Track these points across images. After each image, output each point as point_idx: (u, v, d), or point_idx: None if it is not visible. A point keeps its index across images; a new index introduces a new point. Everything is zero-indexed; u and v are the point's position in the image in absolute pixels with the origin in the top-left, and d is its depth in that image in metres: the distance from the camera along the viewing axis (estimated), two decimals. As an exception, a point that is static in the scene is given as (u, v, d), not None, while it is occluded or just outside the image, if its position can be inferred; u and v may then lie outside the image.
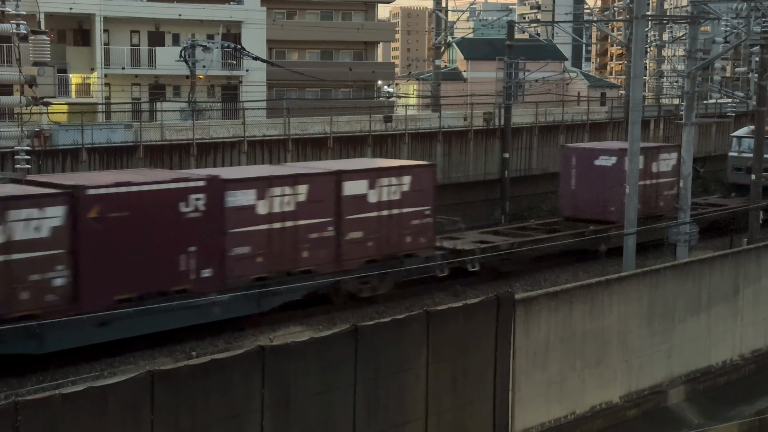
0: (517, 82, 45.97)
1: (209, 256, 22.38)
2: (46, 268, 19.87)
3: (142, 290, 21.23)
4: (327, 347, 15.82)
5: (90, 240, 20.44)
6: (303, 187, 24.28)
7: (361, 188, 25.70)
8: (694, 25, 29.17)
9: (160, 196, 21.67)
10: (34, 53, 27.87)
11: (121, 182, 21.35)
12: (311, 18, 66.99)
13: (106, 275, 20.66)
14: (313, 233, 24.44)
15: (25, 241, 19.58)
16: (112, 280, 20.77)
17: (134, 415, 13.56)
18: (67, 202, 20.24)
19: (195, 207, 22.17)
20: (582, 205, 33.41)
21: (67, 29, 50.47)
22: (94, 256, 20.49)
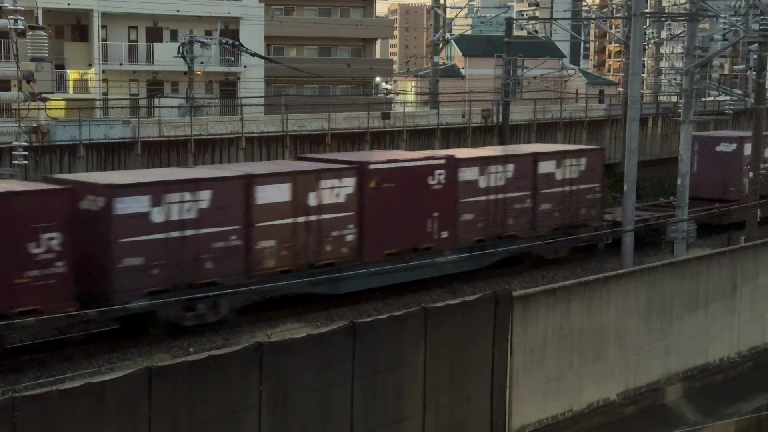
0: (516, 79, 45.99)
1: (446, 221, 27.26)
2: (342, 226, 24.69)
3: (401, 246, 26.15)
4: (324, 344, 15.82)
5: (370, 204, 25.32)
6: (511, 166, 28.97)
7: (551, 167, 30.08)
8: (692, 22, 29.15)
9: (416, 171, 26.62)
10: (31, 49, 27.81)
11: (390, 159, 26.85)
12: (309, 14, 66.96)
13: (379, 233, 25.51)
14: (516, 204, 29.10)
15: (330, 204, 24.54)
16: (383, 238, 25.63)
17: (131, 412, 13.55)
18: (356, 174, 25.09)
19: (438, 180, 27.05)
20: (703, 186, 36.94)
21: (65, 25, 50.41)
22: (372, 217, 25.33)
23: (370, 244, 25.31)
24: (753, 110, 33.62)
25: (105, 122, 35.58)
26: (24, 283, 19.01)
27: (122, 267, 20.66)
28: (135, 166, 33.30)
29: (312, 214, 24.20)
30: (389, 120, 42.70)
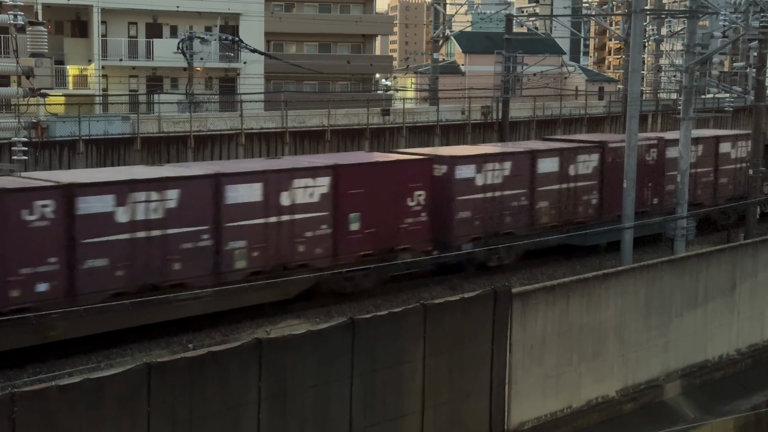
0: (515, 75, 45.96)
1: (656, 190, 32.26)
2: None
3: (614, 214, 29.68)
4: (324, 340, 15.82)
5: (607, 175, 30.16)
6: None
7: None
8: (692, 19, 29.13)
9: None
10: (31, 44, 27.77)
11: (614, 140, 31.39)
12: (309, 11, 66.92)
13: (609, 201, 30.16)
14: None
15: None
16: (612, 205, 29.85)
17: (131, 407, 13.56)
18: (598, 151, 30.62)
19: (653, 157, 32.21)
20: None
21: (65, 20, 50.37)
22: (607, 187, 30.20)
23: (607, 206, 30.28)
24: (753, 107, 33.62)
25: (104, 118, 35.55)
26: (404, 228, 25.22)
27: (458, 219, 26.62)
28: (134, 162, 33.28)
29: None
30: (389, 116, 42.68)
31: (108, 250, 20.10)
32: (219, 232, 21.78)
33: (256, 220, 22.42)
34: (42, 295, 18.90)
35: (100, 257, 19.96)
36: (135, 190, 20.58)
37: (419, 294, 25.56)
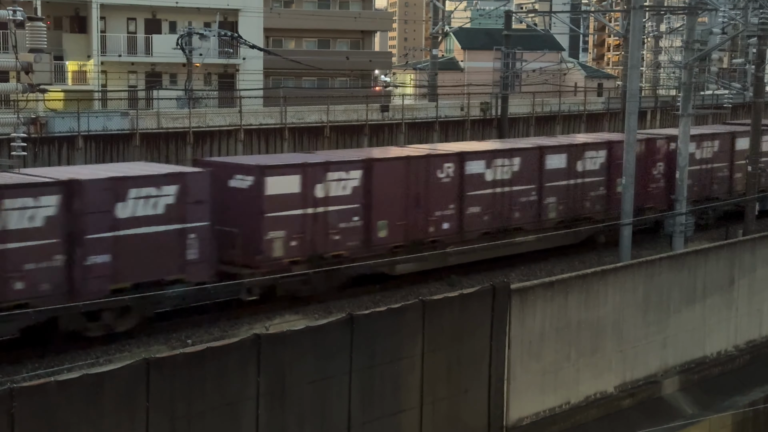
0: (515, 72, 45.95)
1: None
2: None
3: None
4: (322, 336, 15.84)
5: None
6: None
7: None
8: (691, 15, 29.13)
9: None
10: (30, 40, 27.75)
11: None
12: (308, 6, 66.87)
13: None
14: None
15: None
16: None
17: (129, 403, 13.58)
18: None
19: None
20: None
21: (64, 16, 50.36)
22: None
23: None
24: (751, 104, 33.62)
25: (103, 114, 35.57)
26: (650, 191, 32.17)
27: None
28: (133, 158, 33.28)
29: None
30: (388, 113, 42.69)
31: (480, 200, 27.39)
32: (541, 190, 29.06)
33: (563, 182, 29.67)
34: (446, 231, 26.65)
35: (476, 206, 27.25)
36: (496, 157, 27.89)
37: (418, 290, 25.59)
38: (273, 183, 22.87)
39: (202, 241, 21.40)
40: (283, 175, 23.19)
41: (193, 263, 21.31)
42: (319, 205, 23.73)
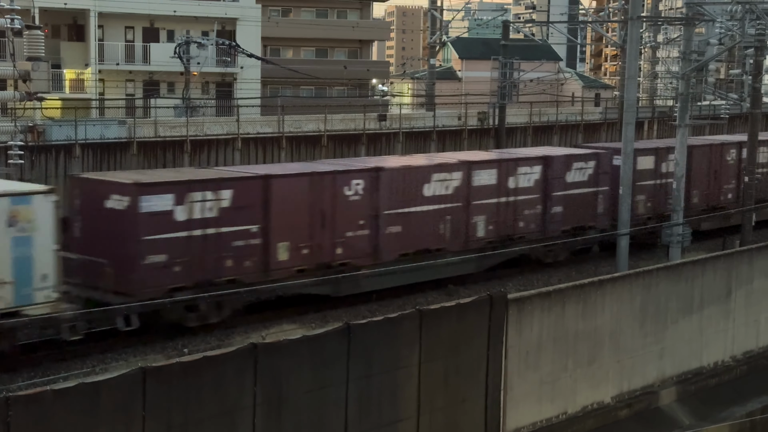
0: (512, 82, 46.00)
1: None
2: None
3: None
4: (320, 345, 15.81)
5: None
6: None
7: None
8: (688, 26, 29.20)
9: None
10: (28, 48, 27.79)
11: None
12: (306, 16, 66.94)
13: None
14: None
15: None
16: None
17: (126, 412, 13.54)
18: None
19: None
20: None
21: (62, 24, 50.38)
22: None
23: None
24: (749, 114, 33.67)
25: (101, 122, 35.57)
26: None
27: None
28: (131, 166, 33.29)
29: None
30: (385, 122, 42.72)
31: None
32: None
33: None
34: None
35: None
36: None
37: (415, 299, 25.58)
38: None
39: (605, 200, 31.06)
40: None
41: (600, 215, 31.13)
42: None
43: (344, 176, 24.67)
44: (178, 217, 21.51)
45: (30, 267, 19.27)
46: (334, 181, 24.41)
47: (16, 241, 19.09)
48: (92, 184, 22.10)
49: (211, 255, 22.03)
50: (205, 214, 21.92)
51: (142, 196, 20.98)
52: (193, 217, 21.74)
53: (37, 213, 19.39)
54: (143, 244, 20.99)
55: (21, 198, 19.33)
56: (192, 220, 21.73)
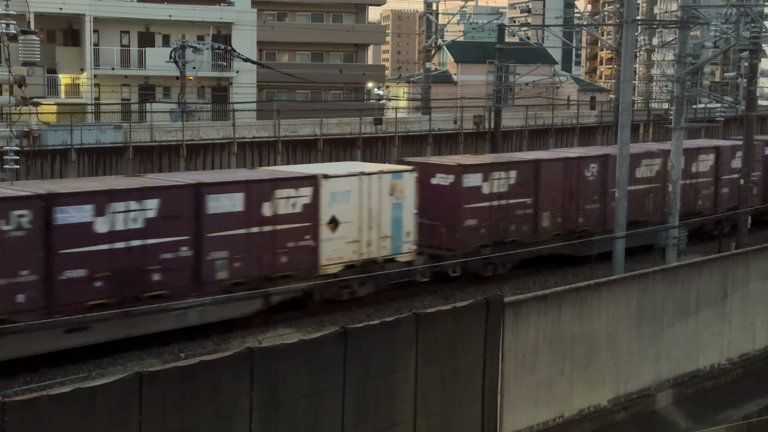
0: (507, 85, 46.04)
1: None
2: None
3: None
4: (316, 349, 15.81)
5: None
6: None
7: None
8: (683, 29, 29.25)
9: None
10: (23, 53, 27.78)
11: None
12: (302, 20, 66.98)
13: None
14: None
15: None
16: None
17: (122, 417, 13.52)
18: None
19: None
20: None
21: (57, 29, 50.36)
22: None
23: None
24: (744, 117, 33.72)
25: (96, 127, 35.52)
26: None
27: None
28: (126, 170, 33.24)
29: None
30: (381, 126, 42.73)
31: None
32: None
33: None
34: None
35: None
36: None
37: (411, 303, 25.57)
38: None
39: None
40: None
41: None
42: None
43: (585, 161, 31.11)
44: (484, 191, 28.12)
45: (400, 226, 25.92)
46: (579, 165, 30.85)
47: (393, 206, 25.72)
48: (424, 166, 27.85)
49: (503, 221, 28.61)
50: (500, 189, 28.57)
51: (464, 175, 27.53)
52: (493, 191, 28.35)
53: (405, 186, 26.04)
54: (464, 211, 27.37)
55: (397, 174, 26.01)
56: (492, 194, 28.33)
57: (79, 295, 20.01)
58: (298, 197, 23.57)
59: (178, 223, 21.56)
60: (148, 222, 21.08)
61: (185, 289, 21.52)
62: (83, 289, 20.08)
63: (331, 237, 24.25)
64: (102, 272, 20.42)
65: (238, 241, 22.47)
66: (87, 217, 20.18)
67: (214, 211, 22.01)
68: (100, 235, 20.37)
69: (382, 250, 25.40)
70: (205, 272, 21.99)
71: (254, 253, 22.73)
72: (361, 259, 24.92)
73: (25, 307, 19.20)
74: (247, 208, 22.63)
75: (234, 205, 22.39)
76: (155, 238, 21.13)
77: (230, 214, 22.33)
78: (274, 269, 23.13)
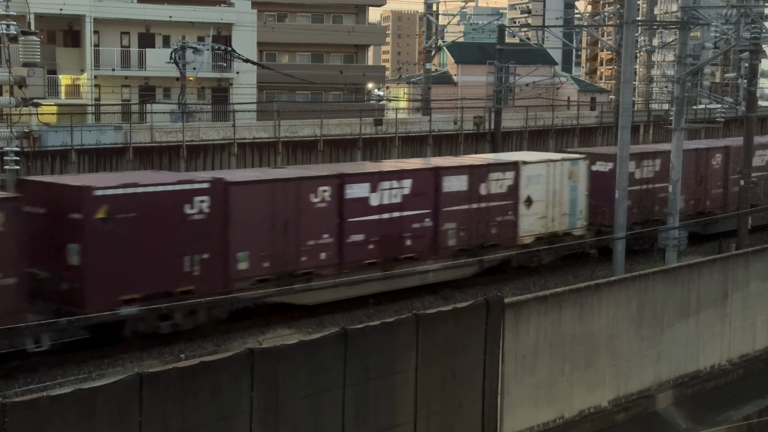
0: (508, 86, 46.03)
1: None
2: None
3: None
4: (316, 350, 15.80)
5: None
6: None
7: None
8: (683, 30, 29.24)
9: None
10: (23, 54, 27.77)
11: None
12: (302, 20, 66.98)
13: None
14: None
15: None
16: None
17: (122, 418, 13.52)
18: None
19: None
20: None
21: (57, 30, 50.37)
22: None
23: None
24: (744, 118, 33.72)
25: (97, 128, 35.54)
26: None
27: None
28: (125, 171, 33.22)
29: None
30: (381, 126, 42.73)
31: None
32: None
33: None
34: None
35: None
36: None
37: (411, 304, 25.56)
38: None
39: None
40: None
41: None
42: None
43: (712, 152, 35.51)
44: (636, 176, 32.05)
45: (576, 205, 30.85)
46: (707, 155, 35.33)
47: (570, 188, 30.63)
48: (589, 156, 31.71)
49: (650, 202, 33.26)
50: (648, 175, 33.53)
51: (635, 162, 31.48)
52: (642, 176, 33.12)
53: (580, 171, 30.85)
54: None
55: (574, 161, 30.89)
56: (642, 179, 33.03)
57: (359, 255, 25.16)
58: (504, 179, 28.69)
59: (424, 199, 26.62)
60: (404, 197, 26.20)
61: (426, 253, 26.69)
62: (361, 251, 25.22)
63: (526, 213, 29.36)
64: (374, 237, 25.47)
65: (463, 215, 27.53)
66: (365, 193, 25.34)
67: (447, 189, 27.12)
68: (373, 207, 25.54)
69: (562, 225, 30.66)
70: (440, 239, 27.15)
71: (474, 225, 27.77)
72: (547, 232, 30.11)
73: (325, 263, 24.43)
74: (469, 187, 27.66)
75: (461, 185, 27.50)
76: (409, 211, 26.30)
77: (457, 193, 27.41)
78: (486, 239, 28.16)
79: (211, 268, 21.99)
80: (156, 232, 21.04)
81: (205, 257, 21.87)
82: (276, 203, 23.31)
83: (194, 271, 21.78)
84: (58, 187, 21.22)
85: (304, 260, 23.87)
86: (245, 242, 22.65)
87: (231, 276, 22.44)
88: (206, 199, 21.90)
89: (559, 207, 30.34)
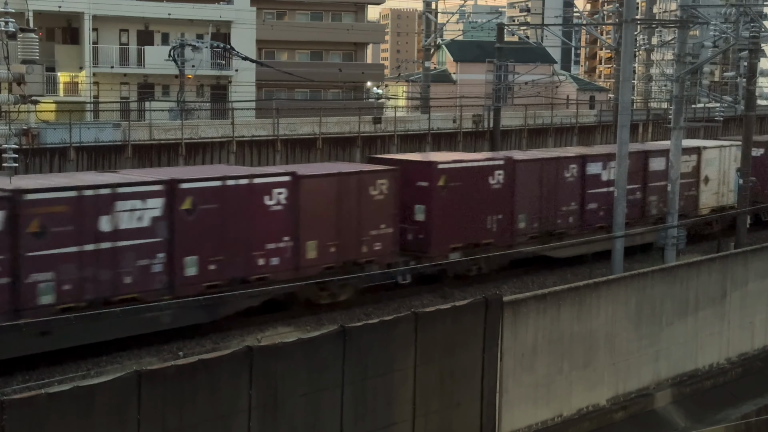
0: (507, 84, 46.03)
1: None
2: None
3: None
4: (315, 348, 15.79)
5: None
6: None
7: None
8: (683, 29, 29.23)
9: None
10: (22, 51, 27.76)
11: None
12: (301, 18, 66.95)
13: None
14: None
15: None
16: None
17: (121, 415, 13.50)
18: None
19: None
20: None
21: (56, 27, 50.32)
22: None
23: None
24: (743, 117, 33.72)
25: (95, 125, 35.52)
26: None
27: None
28: (125, 168, 33.20)
29: None
30: (380, 125, 42.72)
31: None
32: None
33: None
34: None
35: None
36: None
37: (410, 302, 25.57)
38: None
39: None
40: None
41: None
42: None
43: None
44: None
45: (737, 185, 34.31)
46: None
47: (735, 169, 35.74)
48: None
49: None
50: None
51: None
52: None
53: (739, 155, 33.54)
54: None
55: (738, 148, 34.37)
56: None
57: (593, 220, 31.75)
58: (689, 161, 34.48)
59: (636, 176, 32.06)
60: None
61: (636, 220, 32.48)
62: (594, 217, 31.79)
63: (704, 189, 35.80)
64: (603, 206, 31.53)
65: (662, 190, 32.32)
66: (599, 170, 31.78)
67: (651, 168, 33.69)
68: (604, 182, 31.67)
69: (728, 200, 36.66)
70: (646, 209, 33.69)
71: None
72: (718, 205, 36.36)
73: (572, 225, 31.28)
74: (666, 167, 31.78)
75: (661, 165, 33.33)
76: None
77: (659, 171, 33.43)
78: None
79: (503, 226, 28.94)
80: (470, 196, 27.80)
81: (499, 217, 28.76)
82: (543, 177, 30.10)
83: (493, 228, 28.64)
84: (408, 163, 27.75)
85: (559, 222, 30.76)
86: (524, 207, 29.45)
87: (515, 233, 29.21)
88: (502, 173, 28.80)
89: (726, 185, 36.77)
